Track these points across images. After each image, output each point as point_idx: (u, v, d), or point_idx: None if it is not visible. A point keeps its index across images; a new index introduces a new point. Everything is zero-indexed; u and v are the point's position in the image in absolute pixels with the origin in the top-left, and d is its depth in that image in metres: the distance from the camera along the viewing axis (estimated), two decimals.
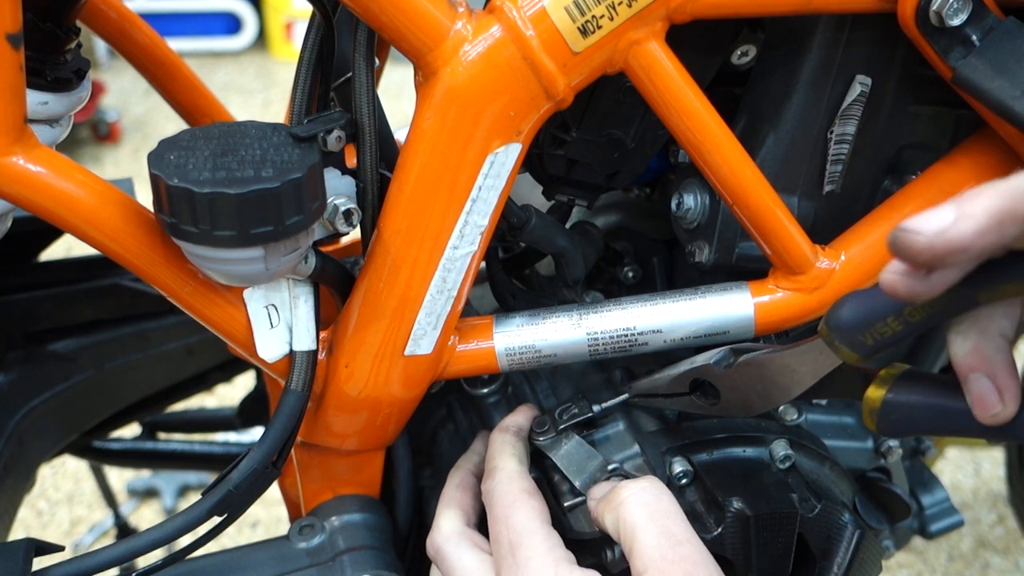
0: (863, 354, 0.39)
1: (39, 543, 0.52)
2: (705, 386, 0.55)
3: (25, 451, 0.87)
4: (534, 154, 0.62)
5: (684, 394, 0.56)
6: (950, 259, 0.33)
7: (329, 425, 0.60)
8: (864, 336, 0.38)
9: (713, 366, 0.52)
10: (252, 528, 1.82)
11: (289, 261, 0.49)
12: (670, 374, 0.56)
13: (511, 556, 0.50)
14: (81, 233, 0.47)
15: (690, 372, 0.54)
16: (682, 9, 0.50)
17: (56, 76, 0.55)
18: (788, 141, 0.58)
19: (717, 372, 0.52)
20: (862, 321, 0.38)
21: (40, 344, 0.90)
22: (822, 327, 0.40)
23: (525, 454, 0.59)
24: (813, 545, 0.57)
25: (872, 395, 0.40)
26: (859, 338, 0.38)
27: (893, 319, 0.37)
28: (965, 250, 0.33)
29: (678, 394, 0.56)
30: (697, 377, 0.54)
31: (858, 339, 0.38)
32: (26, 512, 1.85)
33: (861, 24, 0.55)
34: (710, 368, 0.53)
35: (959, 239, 0.33)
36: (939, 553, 1.81)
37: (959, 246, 0.33)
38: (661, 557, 0.46)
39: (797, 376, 0.47)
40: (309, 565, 0.61)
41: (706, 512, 0.56)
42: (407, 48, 0.49)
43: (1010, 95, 0.50)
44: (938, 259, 0.33)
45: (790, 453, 0.58)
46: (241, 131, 0.48)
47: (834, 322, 0.39)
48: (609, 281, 0.76)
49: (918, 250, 0.33)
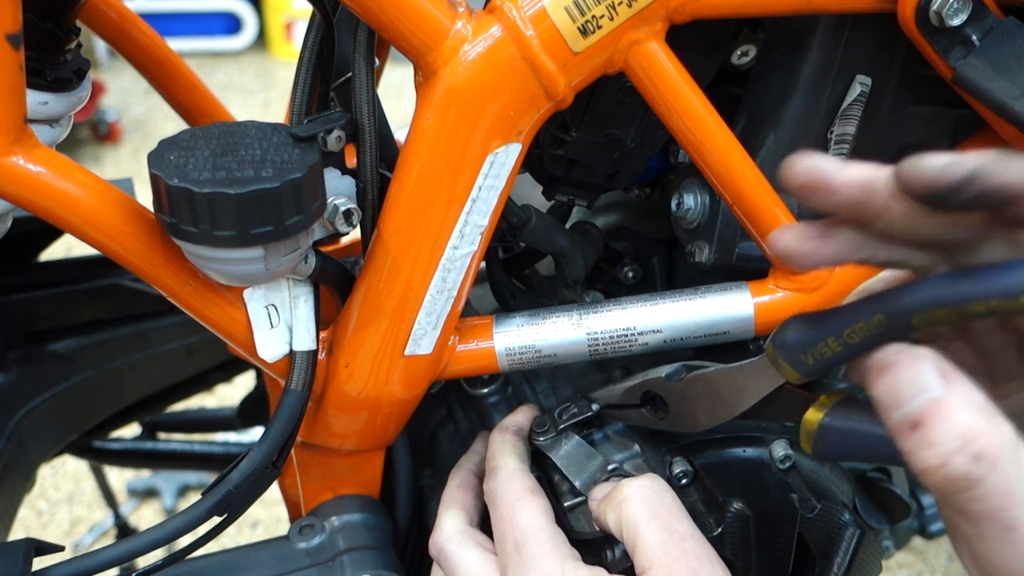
0: (804, 373, 0.40)
1: (39, 543, 0.52)
2: (656, 399, 0.55)
3: (25, 451, 0.87)
4: (534, 154, 0.62)
5: (635, 406, 0.56)
6: (814, 189, 0.35)
7: (329, 425, 0.60)
8: (806, 356, 0.39)
9: (663, 380, 0.53)
10: (252, 528, 1.82)
11: (289, 261, 0.49)
12: (623, 386, 0.57)
13: (517, 554, 0.50)
14: (81, 233, 0.47)
15: (641, 384, 0.55)
16: (682, 9, 0.50)
17: (56, 76, 0.55)
18: (788, 141, 0.58)
19: (667, 386, 0.53)
20: (805, 341, 0.39)
21: (40, 344, 0.90)
22: (768, 345, 0.41)
23: (526, 453, 0.59)
24: (813, 545, 0.57)
25: (810, 418, 0.41)
26: (801, 357, 0.40)
27: (833, 340, 0.38)
28: (828, 184, 0.35)
29: (630, 406, 0.57)
30: (648, 390, 0.55)
31: (800, 358, 0.40)
32: (26, 512, 1.85)
33: (861, 24, 0.55)
34: (660, 381, 0.53)
35: (828, 174, 0.35)
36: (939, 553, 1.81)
37: (823, 178, 0.35)
38: (665, 553, 0.46)
39: (743, 393, 0.48)
40: (309, 565, 0.61)
41: (706, 512, 0.56)
42: (407, 48, 0.49)
43: (1010, 95, 0.50)
44: (804, 186, 0.36)
45: (790, 453, 0.58)
46: (241, 131, 0.48)
47: (779, 341, 0.41)
48: (609, 281, 0.76)
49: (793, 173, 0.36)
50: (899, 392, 0.32)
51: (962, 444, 0.30)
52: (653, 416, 0.55)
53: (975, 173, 0.32)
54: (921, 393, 0.31)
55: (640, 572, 0.47)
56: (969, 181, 0.32)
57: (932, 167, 0.33)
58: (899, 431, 0.32)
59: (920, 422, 0.31)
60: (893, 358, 0.33)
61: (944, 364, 0.32)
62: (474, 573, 0.52)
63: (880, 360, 0.33)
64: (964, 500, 0.30)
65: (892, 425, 0.32)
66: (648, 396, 0.55)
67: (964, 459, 0.30)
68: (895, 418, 0.32)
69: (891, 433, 0.32)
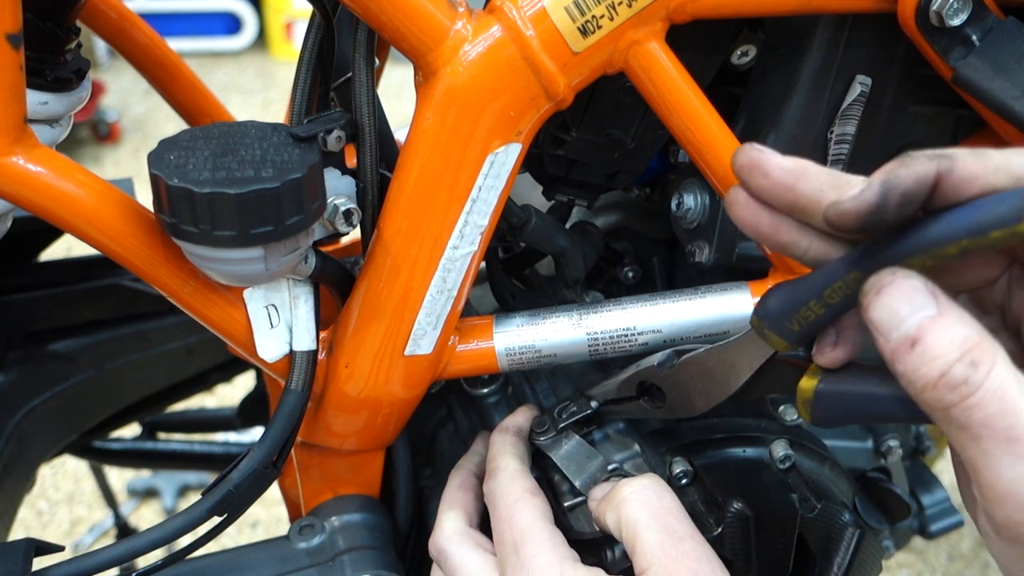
0: (791, 340, 0.41)
1: (39, 543, 0.52)
2: (652, 389, 0.55)
3: (25, 451, 0.87)
4: (534, 154, 0.62)
5: (633, 398, 0.56)
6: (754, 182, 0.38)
7: (329, 425, 0.60)
8: (790, 322, 0.40)
9: (656, 367, 0.53)
10: (252, 528, 1.82)
11: (289, 261, 0.49)
12: (619, 379, 0.56)
13: (515, 555, 0.50)
14: (81, 233, 0.47)
15: (636, 375, 0.55)
16: (682, 9, 0.50)
17: (56, 76, 0.55)
18: (788, 141, 0.58)
19: (661, 373, 0.53)
20: (788, 307, 0.40)
21: (40, 344, 0.90)
22: (753, 317, 0.42)
23: (526, 454, 0.59)
24: (813, 545, 0.57)
25: (804, 386, 0.42)
26: (786, 324, 0.40)
27: (815, 302, 0.38)
28: (763, 165, 0.37)
29: (628, 399, 0.56)
30: (644, 380, 0.55)
31: (785, 326, 0.40)
32: (26, 512, 1.85)
33: (861, 24, 0.55)
34: (653, 370, 0.53)
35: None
36: (939, 553, 1.81)
37: (760, 160, 0.37)
38: (664, 554, 0.46)
39: (735, 370, 0.48)
40: (309, 565, 0.61)
41: (706, 512, 0.56)
42: (407, 48, 0.49)
43: (1010, 95, 0.50)
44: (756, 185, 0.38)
45: (790, 453, 0.59)
46: (241, 131, 0.48)
47: (763, 311, 0.41)
48: (609, 281, 0.76)
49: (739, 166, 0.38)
50: (896, 312, 0.33)
51: (960, 353, 0.32)
52: (651, 406, 0.55)
53: (885, 185, 0.34)
54: (917, 311, 0.33)
55: (639, 572, 0.47)
56: (885, 195, 0.34)
57: (850, 202, 0.35)
58: (898, 351, 0.33)
59: (918, 338, 0.32)
60: (887, 280, 0.34)
61: (932, 285, 0.33)
62: (474, 574, 0.53)
63: (874, 284, 0.34)
64: (964, 411, 0.32)
65: (891, 347, 0.33)
66: (644, 387, 0.55)
67: (962, 366, 0.32)
68: (894, 338, 0.33)
69: (889, 358, 0.34)
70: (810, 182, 0.37)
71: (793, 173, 0.37)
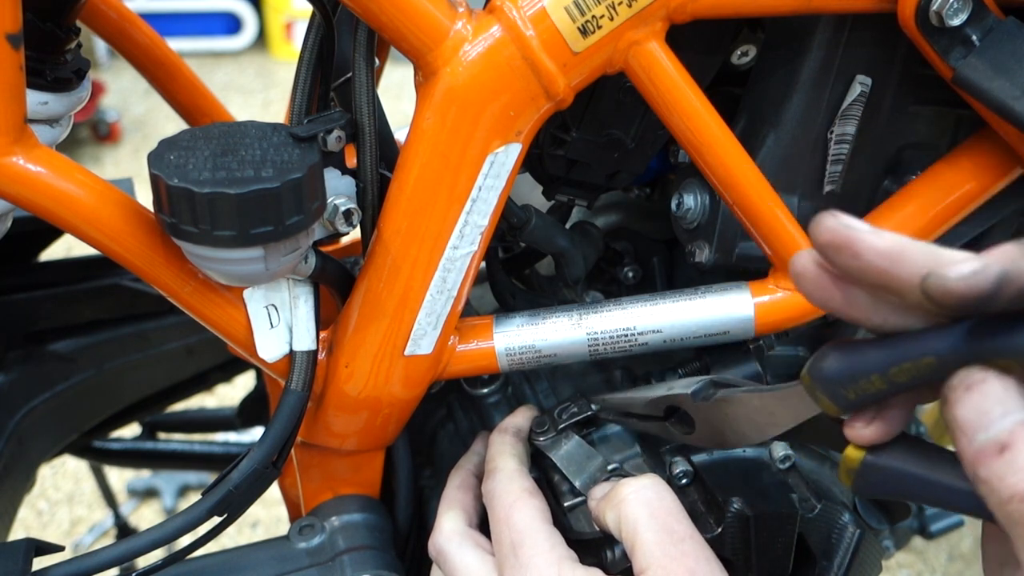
0: (844, 408, 0.38)
1: (39, 543, 0.52)
2: (681, 414, 0.54)
3: (25, 451, 0.87)
4: (534, 154, 0.62)
5: (659, 418, 0.55)
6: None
7: (329, 425, 0.60)
8: (846, 391, 0.37)
9: (690, 396, 0.51)
10: (252, 528, 1.82)
11: (289, 261, 0.49)
12: (646, 396, 0.55)
13: (513, 556, 0.50)
14: (81, 233, 0.47)
15: (666, 398, 0.54)
16: (682, 9, 0.50)
17: (56, 76, 0.55)
18: (788, 141, 0.58)
19: (694, 404, 0.52)
20: (845, 376, 0.37)
21: (40, 344, 0.90)
22: (804, 375, 0.39)
23: (525, 454, 0.59)
24: (813, 545, 0.57)
25: (851, 454, 0.39)
26: (841, 391, 0.37)
27: (878, 377, 0.36)
28: (853, 245, 0.33)
29: (653, 417, 0.55)
30: (672, 404, 0.54)
31: (840, 392, 0.37)
32: (26, 512, 1.85)
33: (861, 24, 0.55)
34: (687, 398, 0.52)
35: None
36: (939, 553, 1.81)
37: (850, 238, 0.32)
38: (663, 554, 0.46)
39: (775, 418, 0.46)
40: (309, 565, 0.61)
41: (706, 512, 0.56)
42: (407, 48, 0.49)
43: (1010, 95, 0.50)
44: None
45: (790, 453, 0.59)
46: (241, 131, 0.48)
47: (816, 373, 0.38)
48: (609, 281, 0.76)
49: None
50: (985, 413, 0.31)
51: None
52: (678, 431, 0.54)
53: (1003, 277, 0.30)
54: (1009, 415, 0.30)
55: (638, 572, 0.47)
56: (1000, 286, 0.30)
57: (958, 281, 0.31)
58: (982, 455, 0.31)
59: (1009, 444, 0.30)
60: (978, 377, 0.31)
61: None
62: (472, 574, 0.53)
63: (964, 379, 0.32)
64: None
65: (974, 448, 0.31)
66: (672, 409, 0.54)
67: None
68: (979, 440, 0.31)
69: (971, 459, 0.31)
70: (909, 264, 0.32)
71: (889, 257, 0.32)
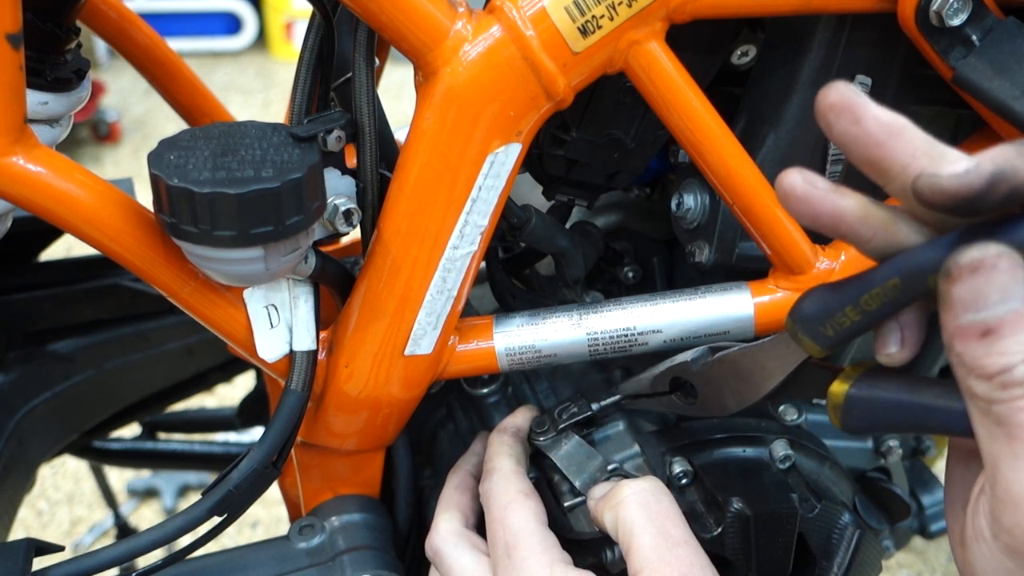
0: (825, 345, 0.40)
1: (39, 543, 0.52)
2: (685, 385, 0.55)
3: (25, 451, 0.87)
4: (534, 154, 0.62)
5: (665, 393, 0.56)
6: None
7: (329, 425, 0.60)
8: (825, 327, 0.39)
9: (690, 363, 0.53)
10: (252, 528, 1.82)
11: (289, 261, 0.49)
12: (652, 373, 0.56)
13: (507, 557, 0.50)
14: (81, 233, 0.47)
15: (670, 370, 0.55)
16: (682, 9, 0.50)
17: (56, 76, 0.55)
18: (788, 141, 0.58)
19: (694, 370, 0.53)
20: (823, 312, 0.39)
21: (40, 344, 0.90)
22: (787, 319, 0.41)
23: (523, 455, 0.59)
24: (813, 545, 0.57)
25: (836, 390, 0.41)
26: (820, 329, 0.39)
27: (851, 309, 0.38)
28: (855, 110, 0.34)
29: (660, 393, 0.56)
30: (677, 375, 0.55)
31: (819, 330, 0.39)
32: (26, 512, 1.85)
33: (861, 24, 0.55)
34: (687, 366, 0.53)
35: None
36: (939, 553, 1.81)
37: (855, 103, 0.34)
38: (658, 558, 0.46)
39: (767, 371, 0.48)
40: (309, 565, 0.61)
41: (706, 512, 0.56)
42: (407, 48, 0.49)
43: (1010, 95, 0.50)
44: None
45: (790, 453, 0.59)
46: (241, 131, 0.48)
47: (797, 314, 0.40)
48: (609, 281, 0.76)
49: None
50: (983, 296, 0.32)
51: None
52: (683, 402, 0.55)
53: (997, 175, 0.31)
54: (1005, 302, 0.31)
55: (632, 574, 0.47)
56: (993, 185, 0.31)
57: (951, 179, 0.32)
58: (964, 333, 0.32)
59: (994, 329, 0.31)
60: (992, 260, 0.31)
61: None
62: (467, 574, 0.53)
63: (975, 258, 0.32)
64: (1010, 410, 0.31)
65: (957, 324, 0.32)
66: (677, 382, 0.55)
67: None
68: (966, 319, 0.32)
69: (950, 332, 0.32)
70: (904, 144, 0.33)
71: (888, 128, 0.33)
